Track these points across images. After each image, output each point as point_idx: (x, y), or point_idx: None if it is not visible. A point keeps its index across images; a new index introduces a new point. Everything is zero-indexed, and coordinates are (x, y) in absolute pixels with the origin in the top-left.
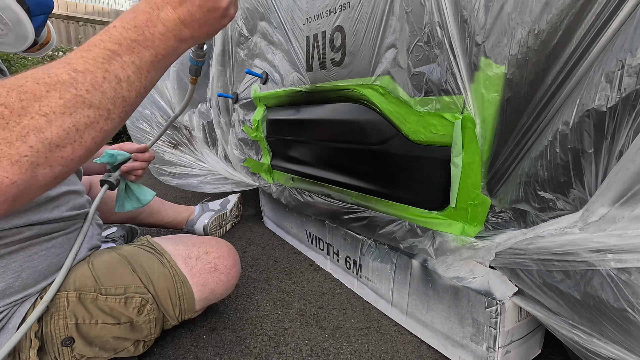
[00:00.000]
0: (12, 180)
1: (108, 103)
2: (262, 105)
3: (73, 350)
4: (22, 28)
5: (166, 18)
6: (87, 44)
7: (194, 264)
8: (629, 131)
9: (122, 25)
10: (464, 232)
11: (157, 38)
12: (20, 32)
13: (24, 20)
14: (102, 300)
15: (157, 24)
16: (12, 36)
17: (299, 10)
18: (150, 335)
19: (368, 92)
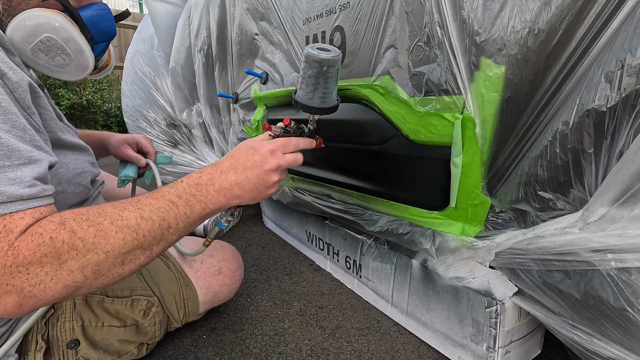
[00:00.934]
0: (55, 297)
1: (153, 244)
2: (262, 105)
3: (77, 353)
4: (84, 58)
5: (225, 179)
6: (157, 192)
7: (198, 267)
8: (629, 131)
9: (188, 182)
10: (464, 232)
11: (211, 194)
12: (81, 62)
13: (86, 51)
14: (108, 302)
15: (215, 183)
16: (73, 66)
17: (299, 11)
18: (155, 338)
19: (368, 92)
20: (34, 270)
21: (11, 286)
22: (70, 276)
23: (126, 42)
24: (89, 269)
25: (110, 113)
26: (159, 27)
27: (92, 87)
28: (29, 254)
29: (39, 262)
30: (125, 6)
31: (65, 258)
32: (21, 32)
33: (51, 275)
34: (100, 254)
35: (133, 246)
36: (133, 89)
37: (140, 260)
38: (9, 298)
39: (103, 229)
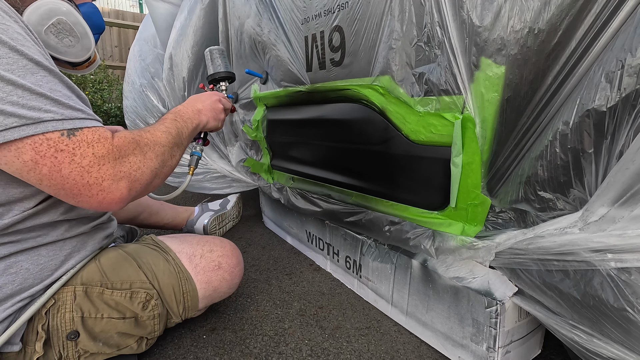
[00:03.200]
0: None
1: (179, 144)
2: (262, 105)
3: (77, 344)
4: (87, 40)
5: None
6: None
7: (198, 261)
8: (629, 131)
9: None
10: (464, 232)
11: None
12: (85, 44)
13: (89, 33)
14: (108, 294)
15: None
16: (78, 47)
17: (297, 10)
18: (154, 332)
19: (368, 92)
20: (132, 159)
21: (122, 173)
22: (152, 162)
23: (126, 42)
24: (159, 157)
25: (110, 113)
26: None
27: (92, 87)
28: (126, 147)
29: (133, 153)
30: (126, 6)
31: (145, 150)
32: (36, 15)
33: (142, 162)
34: (160, 147)
35: (172, 143)
36: (133, 89)
37: (177, 156)
38: (122, 183)
39: (155, 133)
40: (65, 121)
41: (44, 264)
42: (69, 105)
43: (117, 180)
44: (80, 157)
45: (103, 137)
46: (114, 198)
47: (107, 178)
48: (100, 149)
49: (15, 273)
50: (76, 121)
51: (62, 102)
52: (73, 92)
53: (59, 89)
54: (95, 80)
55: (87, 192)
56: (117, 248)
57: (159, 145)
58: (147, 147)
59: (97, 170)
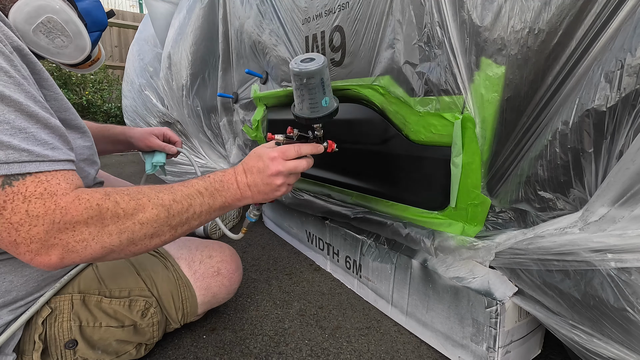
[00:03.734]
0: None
1: (179, 225)
2: (262, 105)
3: (75, 353)
4: (82, 40)
5: (240, 180)
6: (188, 182)
7: (197, 267)
8: (629, 131)
9: (214, 178)
10: (464, 232)
11: (231, 191)
12: (79, 44)
13: (84, 33)
14: (106, 303)
15: (234, 182)
16: (72, 47)
17: (298, 10)
18: (153, 339)
19: (368, 92)
20: (80, 229)
21: (58, 240)
22: (109, 239)
23: (126, 42)
24: (125, 235)
25: (110, 113)
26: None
27: (92, 87)
28: (77, 214)
29: (85, 223)
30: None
31: (108, 223)
32: (23, 13)
33: (94, 235)
34: (137, 224)
35: (163, 223)
36: (133, 89)
37: (165, 236)
38: (54, 251)
39: (142, 204)
40: None
41: (29, 274)
42: (11, 145)
43: (47, 247)
44: (10, 212)
45: (47, 192)
46: (41, 262)
47: (35, 241)
48: (37, 207)
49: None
50: (14, 165)
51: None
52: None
53: (10, 120)
54: (95, 80)
55: (14, 250)
56: None
57: (133, 222)
58: (113, 219)
59: (27, 230)
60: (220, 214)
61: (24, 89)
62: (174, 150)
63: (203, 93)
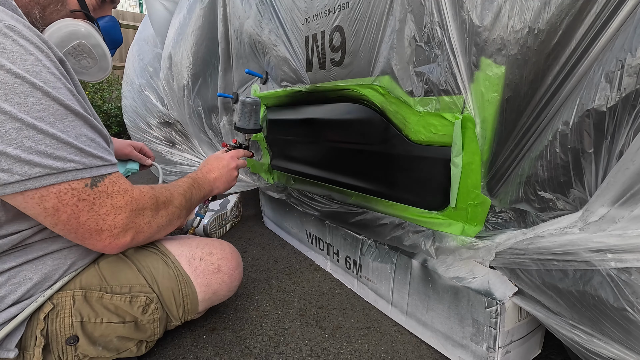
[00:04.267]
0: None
1: (189, 209)
2: (262, 105)
3: (77, 349)
4: (106, 62)
5: (210, 177)
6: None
7: (197, 264)
8: (629, 131)
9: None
10: (464, 232)
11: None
12: (103, 65)
13: (108, 55)
14: (107, 298)
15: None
16: (96, 68)
17: (298, 10)
18: (154, 336)
19: (368, 92)
20: (146, 213)
21: (134, 223)
22: (160, 220)
23: (126, 42)
24: (168, 217)
25: (110, 113)
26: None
27: (92, 87)
28: (144, 202)
29: (149, 209)
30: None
31: (160, 208)
32: (56, 38)
33: (153, 218)
34: (173, 207)
35: (184, 207)
36: (132, 89)
37: (183, 218)
38: (130, 233)
39: (172, 193)
40: (85, 170)
41: (47, 272)
42: (91, 153)
43: (126, 230)
44: (99, 206)
45: (123, 189)
46: (117, 244)
47: (118, 226)
48: (119, 200)
49: (18, 283)
50: (94, 169)
51: (85, 150)
52: (96, 132)
53: (84, 132)
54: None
55: (97, 237)
56: None
57: (172, 206)
58: (162, 205)
59: (112, 218)
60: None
61: (81, 104)
62: (149, 162)
63: (204, 93)
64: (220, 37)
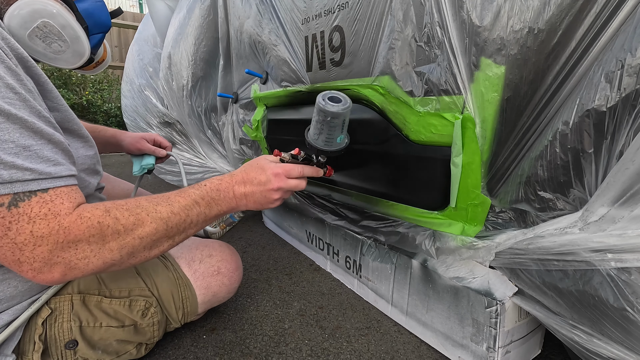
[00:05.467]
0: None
1: (176, 234)
2: (262, 105)
3: (76, 353)
4: (80, 45)
5: (237, 190)
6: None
7: (197, 267)
8: (629, 131)
9: (210, 186)
10: (464, 232)
11: (226, 200)
12: (77, 49)
13: (82, 38)
14: (106, 302)
15: (231, 191)
16: (69, 53)
17: (298, 10)
18: (153, 339)
19: (368, 92)
20: (82, 247)
21: (61, 258)
22: (110, 255)
23: (126, 42)
24: (125, 250)
25: (110, 113)
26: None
27: (92, 87)
28: (79, 233)
29: (87, 241)
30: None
31: (109, 240)
32: (18, 18)
33: (95, 252)
34: (136, 239)
35: (162, 235)
36: (132, 88)
37: (163, 246)
38: (57, 268)
39: (141, 219)
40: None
41: None
42: (14, 165)
43: (50, 265)
44: (15, 232)
45: (53, 212)
46: (44, 279)
47: (38, 260)
48: (42, 227)
49: (2, 291)
50: (15, 185)
51: (4, 160)
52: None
53: (14, 138)
54: (95, 80)
55: (17, 268)
56: None
57: (133, 237)
58: (114, 235)
59: (31, 250)
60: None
61: (29, 105)
62: (163, 153)
63: (204, 93)
64: (221, 37)
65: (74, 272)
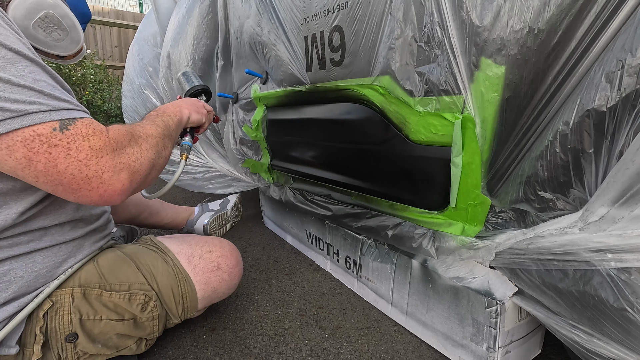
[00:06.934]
0: (146, 171)
1: (168, 136)
2: (262, 105)
3: (76, 346)
4: (76, 32)
5: (173, 103)
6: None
7: (197, 262)
8: (629, 131)
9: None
10: (464, 232)
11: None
12: (74, 36)
13: (78, 26)
14: (106, 296)
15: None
16: (67, 40)
17: (297, 10)
18: (153, 334)
19: (368, 92)
20: (129, 150)
21: (122, 164)
22: (148, 152)
23: (126, 42)
24: (154, 148)
25: (110, 113)
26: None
27: (92, 87)
28: (123, 140)
29: (130, 145)
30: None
31: (140, 142)
32: (22, 9)
33: (139, 152)
34: (153, 137)
35: (162, 134)
36: (132, 88)
37: (169, 147)
38: (123, 174)
39: (145, 126)
40: (52, 112)
41: (39, 270)
42: (55, 96)
43: (117, 172)
44: (76, 150)
45: (98, 129)
46: (115, 190)
47: (107, 170)
48: (96, 141)
49: (9, 281)
50: (64, 112)
51: (47, 92)
52: (57, 82)
53: (43, 78)
54: (95, 80)
55: (87, 186)
56: (115, 249)
57: (151, 137)
58: (141, 138)
59: (96, 162)
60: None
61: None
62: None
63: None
64: (220, 37)
65: (136, 176)
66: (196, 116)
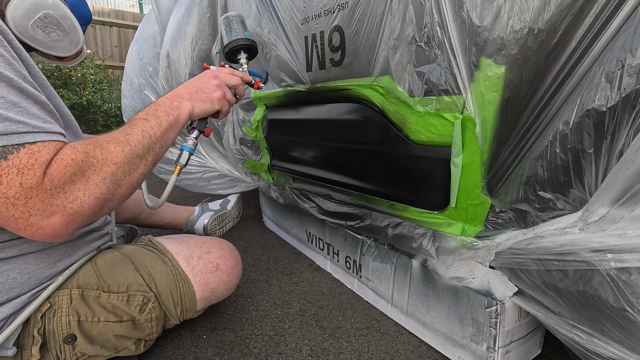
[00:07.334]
0: (91, 211)
1: (145, 152)
2: (262, 105)
3: (74, 348)
4: (76, 34)
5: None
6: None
7: (195, 263)
8: (629, 131)
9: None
10: (464, 232)
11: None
12: (74, 38)
13: (77, 27)
14: (104, 297)
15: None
16: (67, 41)
17: (297, 10)
18: (152, 335)
19: (368, 92)
20: (69, 188)
21: (55, 206)
22: (97, 188)
23: (126, 42)
24: (108, 180)
25: (110, 113)
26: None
27: (92, 87)
28: (61, 175)
29: (71, 181)
30: (126, 6)
31: (88, 174)
32: (22, 9)
33: (82, 190)
34: (111, 165)
35: (131, 155)
36: (132, 88)
37: (140, 168)
38: (55, 218)
39: (105, 147)
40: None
41: (32, 272)
42: (7, 117)
43: (47, 216)
44: (6, 186)
45: (38, 162)
46: (45, 234)
47: (34, 213)
48: (29, 178)
49: (2, 283)
50: (13, 136)
51: None
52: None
53: (3, 94)
54: (95, 80)
55: (14, 225)
56: (113, 250)
57: (108, 165)
58: (91, 169)
59: (24, 204)
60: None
61: (14, 68)
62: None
63: None
64: (220, 37)
65: (76, 218)
66: (203, 107)
